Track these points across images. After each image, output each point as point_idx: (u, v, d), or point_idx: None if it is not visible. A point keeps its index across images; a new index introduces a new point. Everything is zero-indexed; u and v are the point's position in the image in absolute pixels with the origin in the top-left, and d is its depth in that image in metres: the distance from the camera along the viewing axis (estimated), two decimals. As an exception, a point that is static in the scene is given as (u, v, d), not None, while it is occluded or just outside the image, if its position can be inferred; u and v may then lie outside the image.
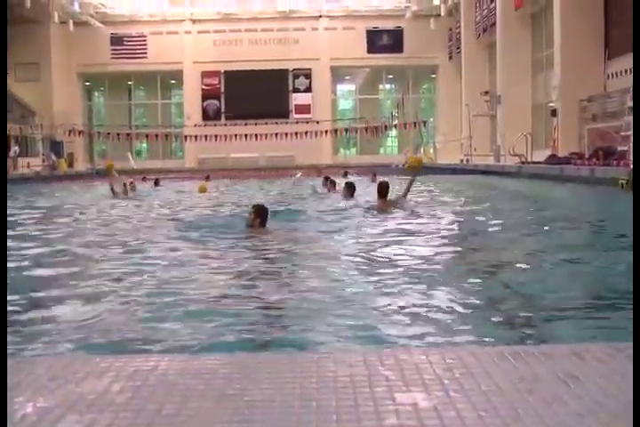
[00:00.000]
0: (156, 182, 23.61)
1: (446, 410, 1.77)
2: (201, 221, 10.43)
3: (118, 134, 42.49)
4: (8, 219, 11.33)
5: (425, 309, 4.25)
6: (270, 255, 6.74)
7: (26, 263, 6.44)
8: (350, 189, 13.43)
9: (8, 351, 3.24)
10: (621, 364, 2.11)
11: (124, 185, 17.71)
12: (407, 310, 4.23)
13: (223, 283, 5.34)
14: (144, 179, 26.13)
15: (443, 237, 7.97)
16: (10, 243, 7.55)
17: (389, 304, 4.38)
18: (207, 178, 26.25)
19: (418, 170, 12.16)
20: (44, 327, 3.99)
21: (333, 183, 16.39)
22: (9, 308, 4.31)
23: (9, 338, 3.53)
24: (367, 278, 5.38)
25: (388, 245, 7.29)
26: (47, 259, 6.81)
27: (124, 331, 3.84)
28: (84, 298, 4.76)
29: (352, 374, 2.05)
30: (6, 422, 1.74)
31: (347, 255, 6.60)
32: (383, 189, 11.10)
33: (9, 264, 5.84)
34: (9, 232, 8.88)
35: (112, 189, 17.20)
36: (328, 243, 7.67)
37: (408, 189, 11.58)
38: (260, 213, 8.24)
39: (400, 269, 5.69)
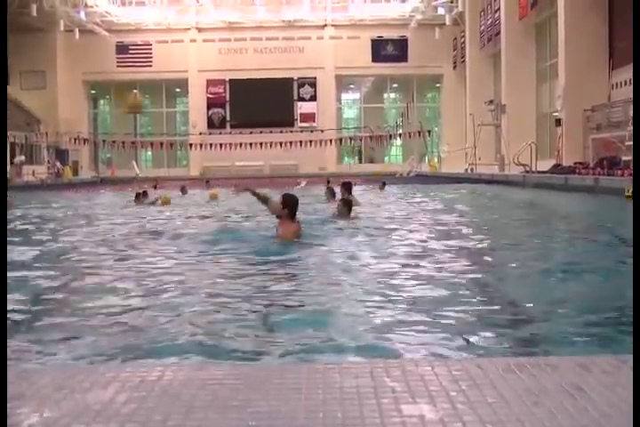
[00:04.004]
0: (183, 190, 23.24)
1: (452, 422, 1.77)
2: (222, 229, 10.34)
3: (123, 142, 42.59)
4: (15, 226, 11.38)
5: (430, 320, 4.24)
6: (293, 261, 6.74)
7: (33, 272, 6.44)
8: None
9: (13, 361, 3.24)
10: (627, 376, 2.11)
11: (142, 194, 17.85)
12: (412, 322, 4.22)
13: (238, 290, 5.33)
14: (155, 187, 26.20)
15: (446, 249, 7.95)
16: (17, 250, 7.57)
17: (396, 316, 4.37)
18: (207, 182, 26.31)
19: None
20: (49, 337, 3.99)
21: (333, 194, 15.75)
22: (14, 317, 4.32)
23: (13, 347, 3.53)
24: (373, 288, 5.38)
25: (394, 255, 7.29)
26: (53, 267, 6.80)
27: (129, 341, 3.83)
28: (94, 307, 4.76)
29: (358, 386, 2.05)
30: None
31: (354, 267, 6.60)
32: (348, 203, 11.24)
33: (15, 273, 5.86)
34: (17, 240, 8.93)
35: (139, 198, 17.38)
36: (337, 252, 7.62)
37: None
38: (288, 204, 7.88)
39: (411, 281, 5.69)
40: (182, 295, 5.16)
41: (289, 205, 7.88)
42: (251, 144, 41.25)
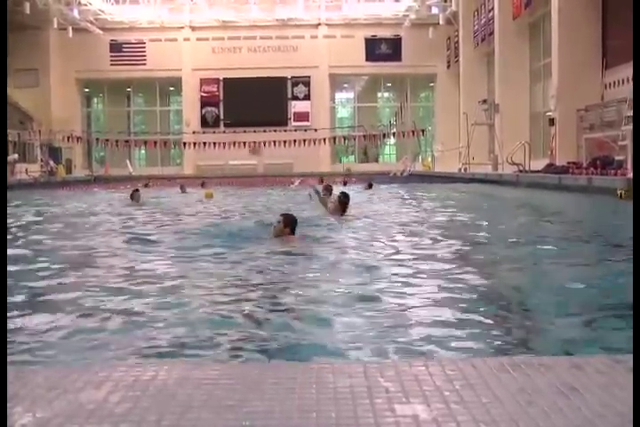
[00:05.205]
0: (182, 188, 23.24)
1: (446, 422, 1.76)
2: (223, 229, 10.32)
3: (117, 141, 42.49)
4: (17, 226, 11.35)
5: (424, 320, 4.24)
6: (293, 262, 6.72)
7: (30, 272, 6.43)
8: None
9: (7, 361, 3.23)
10: (621, 376, 2.11)
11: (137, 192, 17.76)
12: (407, 321, 4.22)
13: (233, 291, 5.32)
14: (147, 185, 26.15)
15: (441, 248, 7.96)
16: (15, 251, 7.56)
17: (389, 315, 4.37)
18: (202, 185, 26.17)
19: None
20: (42, 337, 3.98)
21: (330, 191, 15.81)
22: (11, 317, 4.31)
23: (7, 348, 3.52)
24: (367, 286, 5.38)
25: (393, 254, 7.31)
26: (51, 267, 6.79)
27: (125, 340, 3.83)
28: (90, 308, 4.75)
29: (352, 385, 2.04)
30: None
31: (348, 264, 6.60)
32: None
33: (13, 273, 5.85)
34: (14, 239, 8.91)
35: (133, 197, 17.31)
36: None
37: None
38: (290, 223, 8.12)
39: (407, 279, 5.70)
40: (177, 295, 5.16)
41: (290, 225, 8.12)
42: (244, 143, 41.21)
